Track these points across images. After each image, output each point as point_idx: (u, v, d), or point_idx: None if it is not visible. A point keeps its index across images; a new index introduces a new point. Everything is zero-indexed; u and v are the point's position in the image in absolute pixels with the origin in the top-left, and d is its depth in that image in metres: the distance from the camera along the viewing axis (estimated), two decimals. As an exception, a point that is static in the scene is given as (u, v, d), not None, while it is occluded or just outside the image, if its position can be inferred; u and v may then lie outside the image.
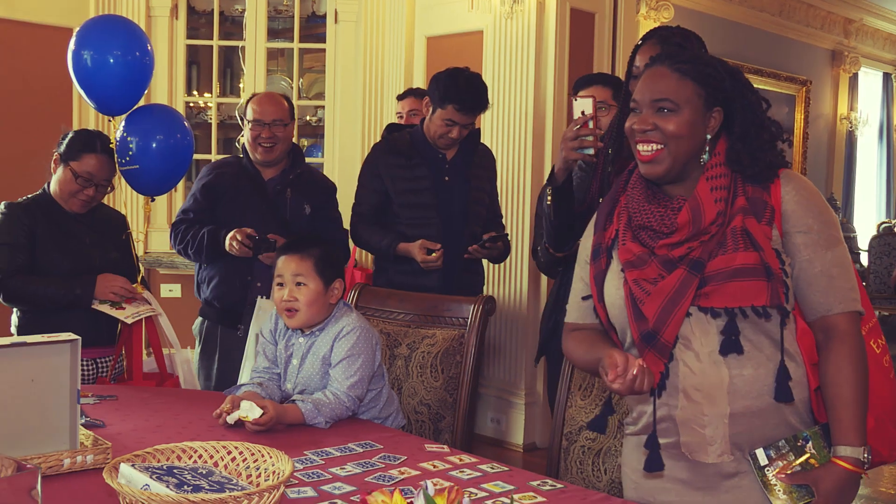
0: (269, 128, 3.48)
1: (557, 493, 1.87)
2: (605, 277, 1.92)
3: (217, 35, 5.51)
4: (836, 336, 1.82)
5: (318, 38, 5.67)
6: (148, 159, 3.16)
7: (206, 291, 3.56)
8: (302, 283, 2.39)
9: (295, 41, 5.56)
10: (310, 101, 5.88)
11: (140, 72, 3.14)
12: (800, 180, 1.88)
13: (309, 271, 2.39)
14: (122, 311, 2.96)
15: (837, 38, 10.66)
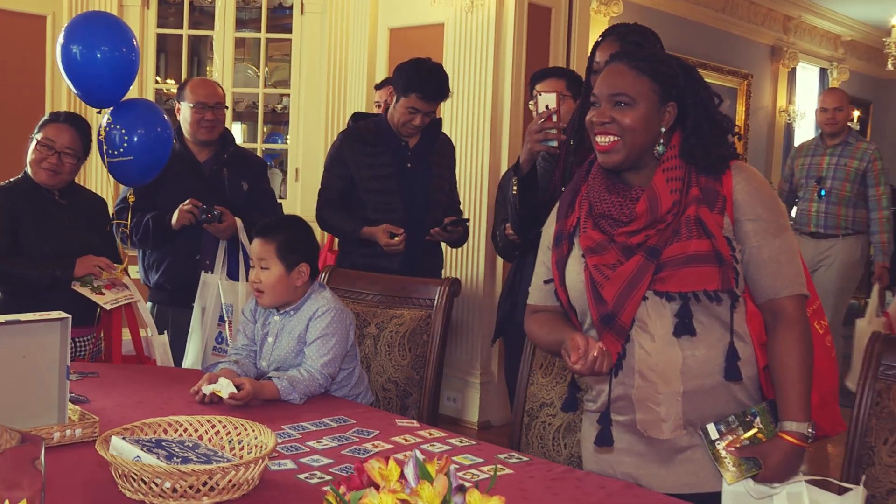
0: (212, 110, 3.65)
1: (524, 465, 1.99)
2: (567, 262, 2.03)
3: (187, 25, 5.58)
4: (784, 318, 1.94)
5: (284, 28, 5.76)
6: (132, 151, 3.24)
7: (156, 275, 3.67)
8: (265, 267, 2.49)
9: (262, 31, 5.65)
10: (275, 90, 5.96)
11: (127, 66, 3.23)
12: (750, 172, 2.00)
13: (271, 255, 2.49)
14: (101, 296, 3.02)
15: (777, 34, 10.91)
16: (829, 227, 5.41)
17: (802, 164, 5.55)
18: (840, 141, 5.47)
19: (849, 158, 5.40)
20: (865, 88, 13.35)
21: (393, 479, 1.16)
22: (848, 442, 2.09)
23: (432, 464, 1.21)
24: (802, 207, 5.51)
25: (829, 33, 12.03)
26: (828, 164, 5.42)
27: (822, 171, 5.41)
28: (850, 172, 5.36)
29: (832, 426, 2.09)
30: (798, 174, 5.56)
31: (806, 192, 5.48)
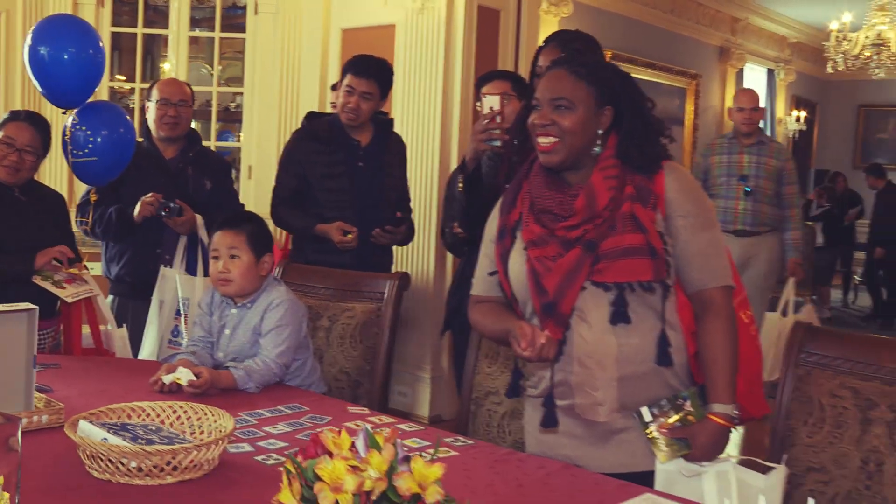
0: (175, 107, 3.75)
1: (469, 448, 2.10)
2: (510, 255, 2.15)
3: (142, 23, 5.63)
4: (711, 308, 2.08)
5: (238, 27, 5.83)
6: (96, 152, 3.32)
7: (117, 268, 3.75)
8: (235, 256, 2.59)
9: (216, 31, 5.72)
10: (228, 88, 6.03)
11: (93, 68, 3.30)
12: (680, 171, 2.14)
13: (242, 244, 2.59)
14: (62, 290, 3.10)
15: (725, 35, 11.13)
16: (754, 224, 5.49)
17: (720, 162, 5.55)
18: (756, 140, 5.56)
19: (767, 157, 5.51)
20: (811, 89, 13.66)
21: (345, 447, 1.28)
22: (772, 425, 2.24)
23: (381, 435, 1.33)
24: (727, 206, 5.51)
25: (776, 35, 12.29)
26: (748, 162, 5.48)
27: (743, 169, 5.47)
28: (771, 171, 5.48)
29: (757, 409, 2.25)
30: (716, 172, 5.56)
31: (730, 191, 5.48)
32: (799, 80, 13.08)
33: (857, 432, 2.10)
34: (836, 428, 2.13)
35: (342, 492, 1.24)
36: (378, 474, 1.26)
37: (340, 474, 1.25)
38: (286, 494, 1.29)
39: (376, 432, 1.34)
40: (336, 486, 1.24)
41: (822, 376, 2.20)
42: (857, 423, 2.10)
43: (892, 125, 13.70)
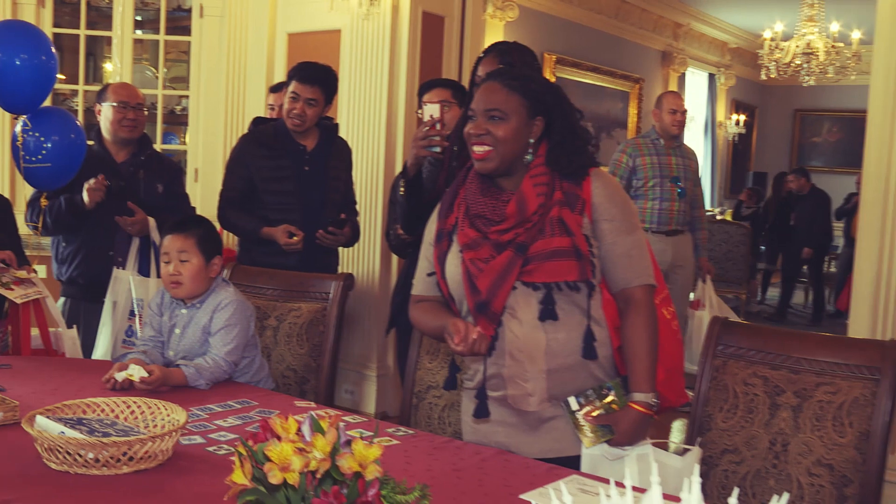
0: (133, 110, 3.84)
1: (409, 437, 2.24)
2: (447, 257, 2.29)
3: (84, 24, 5.62)
4: (634, 304, 2.24)
5: (183, 30, 5.86)
6: (49, 158, 3.40)
7: (69, 270, 3.82)
8: (186, 259, 2.70)
9: (161, 33, 5.74)
10: (174, 91, 6.07)
11: (46, 74, 3.37)
12: (606, 178, 2.30)
13: (192, 248, 2.70)
14: (11, 291, 3.16)
15: (668, 40, 11.36)
16: (682, 224, 5.62)
17: (651, 164, 5.54)
18: (677, 143, 5.68)
19: (688, 159, 5.66)
20: (751, 93, 13.98)
21: (292, 431, 1.41)
22: (692, 410, 2.41)
23: (325, 420, 1.46)
24: (663, 207, 5.54)
25: (717, 40, 12.56)
26: (676, 164, 5.56)
27: (673, 170, 5.54)
28: (691, 172, 5.63)
29: (677, 398, 2.42)
30: (649, 173, 5.53)
31: (664, 192, 5.51)
32: (738, 85, 13.41)
33: (766, 416, 2.28)
34: (747, 413, 2.31)
35: (290, 471, 1.37)
36: (322, 455, 1.39)
37: (288, 455, 1.38)
38: (238, 474, 1.42)
39: (320, 418, 1.48)
40: (284, 465, 1.37)
41: (736, 366, 2.38)
42: (767, 409, 2.29)
43: (826, 129, 14.09)
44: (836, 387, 2.24)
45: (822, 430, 2.21)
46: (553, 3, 9.10)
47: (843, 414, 2.21)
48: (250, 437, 1.45)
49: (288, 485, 1.38)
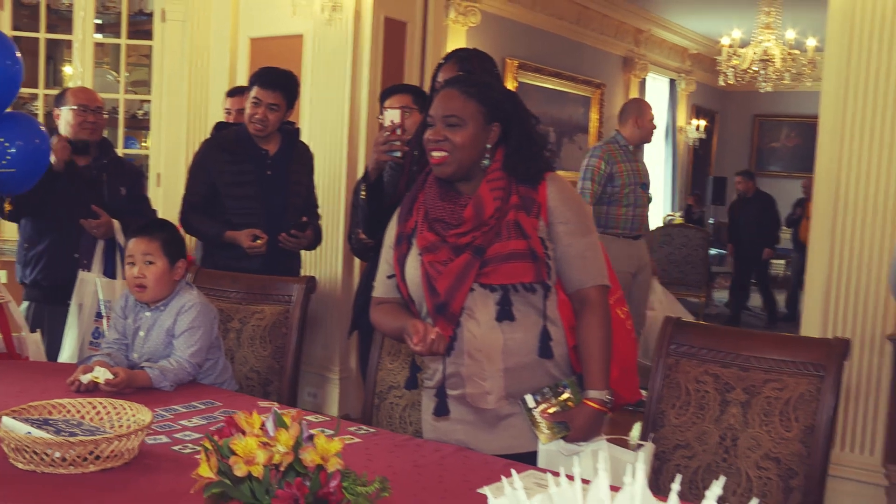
0: (93, 113, 3.89)
1: (371, 435, 2.30)
2: (407, 260, 2.35)
3: (44, 27, 5.61)
4: (588, 305, 2.30)
5: (145, 34, 5.87)
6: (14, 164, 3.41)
7: (32, 273, 3.84)
8: (151, 262, 2.73)
9: (122, 37, 5.75)
10: (135, 95, 6.08)
11: (11, 79, 3.38)
12: (562, 182, 2.37)
13: (157, 251, 2.74)
14: None
15: (629, 45, 11.48)
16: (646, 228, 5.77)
17: (626, 171, 5.59)
18: (641, 149, 5.83)
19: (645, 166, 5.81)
20: (711, 99, 14.17)
21: (256, 426, 1.46)
22: (647, 407, 2.49)
23: (287, 415, 1.52)
24: (636, 213, 5.62)
25: (677, 46, 12.70)
26: (643, 170, 5.70)
27: (642, 177, 5.66)
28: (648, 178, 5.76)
29: (632, 395, 2.49)
30: (625, 180, 5.57)
31: (637, 199, 5.61)
32: (699, 91, 13.59)
33: (717, 412, 2.36)
34: (699, 409, 2.39)
35: (254, 464, 1.43)
36: (286, 449, 1.45)
37: (252, 449, 1.44)
38: (204, 468, 1.47)
39: (284, 413, 1.53)
40: (249, 459, 1.43)
41: (688, 364, 2.47)
42: (717, 405, 2.37)
43: (784, 135, 14.33)
44: (783, 383, 2.33)
45: (770, 424, 2.30)
46: (515, 8, 9.18)
47: (789, 409, 2.29)
48: (216, 432, 1.50)
49: (252, 477, 1.44)
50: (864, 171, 3.91)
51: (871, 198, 3.89)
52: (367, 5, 5.19)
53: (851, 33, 3.94)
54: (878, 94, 3.89)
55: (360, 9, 5.20)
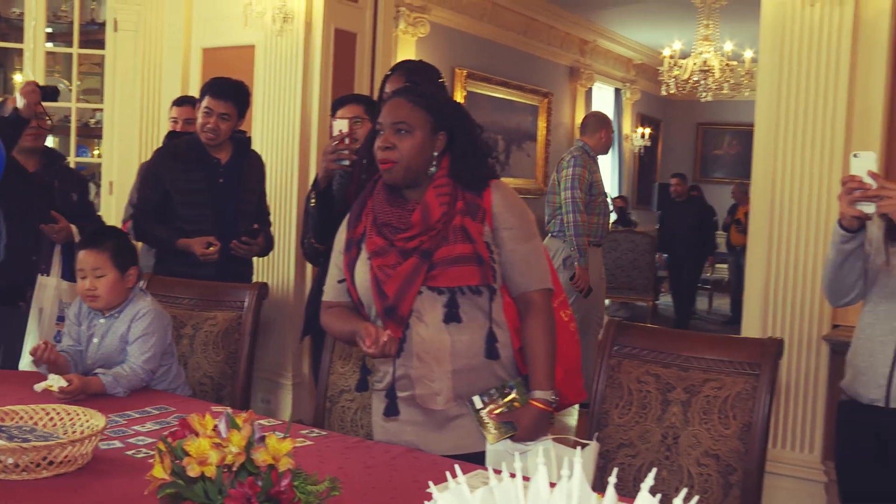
0: (35, 119, 3.86)
1: (322, 438, 2.34)
2: (356, 265, 2.40)
3: (-6, 37, 5.59)
4: (532, 308, 2.37)
5: (96, 43, 5.87)
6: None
7: None
8: (101, 275, 2.76)
9: (74, 46, 5.74)
10: (87, 104, 6.06)
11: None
12: (506, 189, 2.44)
13: (106, 263, 2.76)
14: None
15: (575, 56, 11.66)
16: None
17: (600, 179, 5.83)
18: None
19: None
20: (655, 107, 14.41)
21: (209, 428, 1.51)
22: (590, 408, 2.57)
23: (240, 417, 1.56)
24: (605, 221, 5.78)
25: (622, 57, 12.93)
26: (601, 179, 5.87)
27: (604, 186, 5.87)
28: None
29: (576, 395, 2.57)
30: (601, 188, 5.81)
31: (605, 207, 5.80)
32: (644, 99, 13.82)
33: (659, 412, 2.45)
34: (641, 409, 2.47)
35: (207, 464, 1.47)
36: (238, 449, 1.50)
37: (205, 450, 1.48)
38: (158, 469, 1.51)
39: (236, 415, 1.58)
40: (202, 459, 1.47)
41: (630, 365, 2.55)
42: (659, 404, 2.46)
43: (726, 142, 14.64)
44: (722, 382, 2.42)
45: (709, 422, 2.38)
46: (463, 19, 9.28)
47: (727, 407, 2.38)
48: (170, 434, 1.54)
49: (206, 478, 1.48)
50: (798, 176, 4.04)
51: (805, 202, 4.03)
52: (318, 17, 5.24)
53: (782, 45, 4.09)
54: (808, 102, 4.03)
55: (311, 20, 5.25)
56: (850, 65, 3.98)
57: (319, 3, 5.24)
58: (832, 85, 3.98)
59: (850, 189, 2.39)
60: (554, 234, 5.75)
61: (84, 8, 5.90)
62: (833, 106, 3.98)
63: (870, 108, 4.00)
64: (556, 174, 5.84)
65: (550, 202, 5.86)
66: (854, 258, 2.55)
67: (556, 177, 5.80)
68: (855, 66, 4.00)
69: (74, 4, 5.75)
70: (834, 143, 3.97)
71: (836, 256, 2.57)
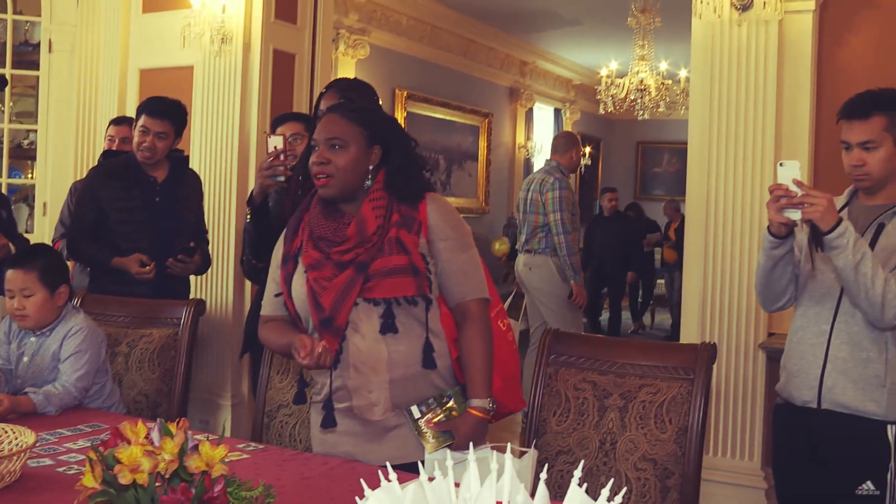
0: None
1: (259, 451, 2.32)
2: (293, 278, 2.41)
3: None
4: (469, 317, 2.39)
5: (30, 64, 5.79)
6: None
7: None
8: (29, 294, 2.71)
9: (7, 67, 5.66)
10: (21, 125, 5.97)
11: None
12: (441, 201, 2.46)
13: (34, 282, 2.72)
14: None
15: (515, 77, 11.78)
16: None
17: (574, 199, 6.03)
18: None
19: None
20: (596, 127, 14.59)
21: (141, 436, 1.49)
22: (528, 417, 2.58)
23: (173, 425, 1.55)
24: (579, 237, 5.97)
25: (561, 77, 13.08)
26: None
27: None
28: None
29: (515, 404, 2.58)
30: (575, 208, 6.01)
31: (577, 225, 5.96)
32: (584, 119, 13.99)
33: (596, 418, 2.47)
34: (579, 416, 2.49)
35: (139, 472, 1.45)
36: (171, 457, 1.48)
37: (137, 457, 1.46)
38: (88, 478, 1.49)
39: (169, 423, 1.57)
40: (134, 467, 1.46)
41: (567, 373, 2.57)
42: (596, 411, 2.48)
43: (665, 160, 14.87)
44: (657, 387, 2.45)
45: (646, 427, 2.41)
46: (403, 41, 9.33)
47: (663, 412, 2.41)
48: (101, 443, 1.52)
49: (137, 485, 1.46)
50: (731, 188, 4.15)
51: (739, 214, 4.13)
52: (256, 38, 5.24)
53: (712, 64, 4.22)
54: (738, 117, 4.16)
55: (250, 41, 5.24)
56: (776, 81, 4.11)
57: (258, 24, 5.24)
58: (761, 100, 4.11)
59: (777, 197, 2.45)
60: (539, 251, 5.93)
61: (17, 29, 5.83)
62: (762, 120, 4.10)
63: (797, 122, 4.13)
64: (534, 195, 5.97)
65: (531, 222, 5.98)
66: (784, 263, 2.61)
67: (538, 198, 5.93)
68: (781, 82, 4.13)
69: (7, 25, 5.68)
70: (764, 155, 4.09)
71: (767, 262, 2.62)
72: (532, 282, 6.00)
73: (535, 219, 5.93)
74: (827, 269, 2.63)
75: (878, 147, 2.57)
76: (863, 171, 2.60)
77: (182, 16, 5.26)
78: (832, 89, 4.10)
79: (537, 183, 6.00)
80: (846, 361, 2.60)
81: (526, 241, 6.02)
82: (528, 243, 6.01)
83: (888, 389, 2.57)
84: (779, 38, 4.11)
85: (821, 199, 2.40)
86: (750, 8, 4.08)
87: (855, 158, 2.60)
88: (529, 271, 6.01)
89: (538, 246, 5.92)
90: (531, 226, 5.96)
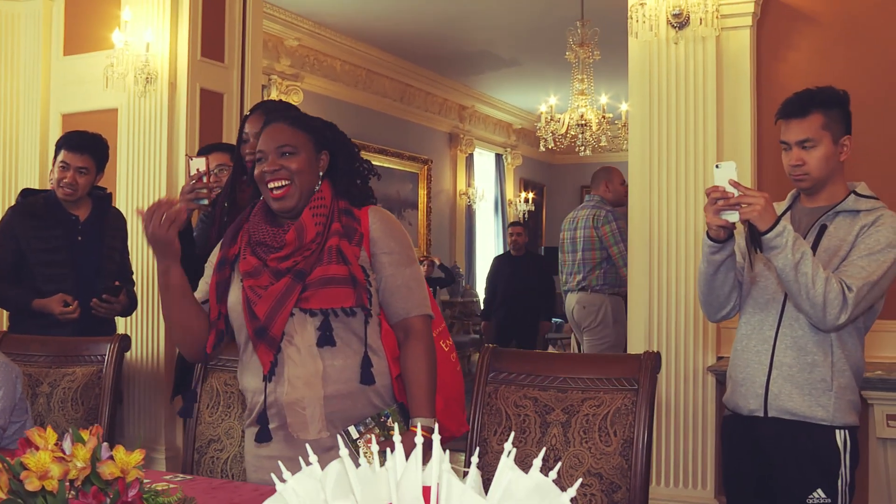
0: None
1: (188, 481, 2.20)
2: (230, 286, 2.33)
3: None
4: (412, 333, 2.32)
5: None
6: None
7: None
8: None
9: (-77, 113, 5.50)
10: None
11: None
12: (384, 214, 2.40)
13: None
14: None
15: (454, 122, 11.80)
16: None
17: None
18: None
19: None
20: (538, 172, 14.65)
21: (51, 442, 1.39)
22: (469, 437, 2.49)
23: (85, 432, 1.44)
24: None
25: (502, 122, 13.14)
26: None
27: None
28: None
29: (457, 427, 2.50)
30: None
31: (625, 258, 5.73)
32: (526, 164, 14.05)
33: (538, 434, 2.39)
34: (521, 433, 2.41)
35: (48, 478, 1.35)
36: (83, 464, 1.38)
37: (46, 463, 1.36)
38: (-8, 487, 1.38)
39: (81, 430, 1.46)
40: (42, 473, 1.35)
41: (507, 390, 2.49)
42: (538, 427, 2.40)
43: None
44: (600, 400, 2.38)
45: (590, 441, 2.33)
46: (338, 87, 9.32)
47: (607, 424, 2.34)
48: (8, 453, 1.42)
49: (46, 492, 1.36)
50: (674, 207, 4.14)
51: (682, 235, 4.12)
52: (182, 77, 5.16)
53: (650, 82, 4.22)
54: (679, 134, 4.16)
55: (176, 80, 5.16)
56: (716, 97, 4.12)
57: (183, 63, 5.16)
58: (701, 117, 4.12)
59: (714, 199, 2.42)
60: (595, 289, 5.86)
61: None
62: (703, 136, 4.11)
63: (739, 137, 4.15)
64: (586, 231, 5.90)
65: (587, 259, 5.88)
66: (726, 269, 2.57)
67: (593, 233, 5.86)
68: (721, 98, 4.15)
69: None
70: (706, 171, 4.08)
71: (708, 268, 2.59)
72: (584, 321, 5.90)
73: (592, 255, 5.84)
74: (770, 275, 2.61)
75: (817, 145, 2.57)
76: (802, 170, 2.59)
77: (104, 56, 5.17)
78: (772, 104, 4.08)
79: (586, 219, 5.93)
80: (791, 367, 2.57)
81: (583, 277, 5.89)
82: (584, 280, 5.89)
83: (835, 394, 2.54)
84: (717, 55, 4.13)
85: (758, 199, 2.38)
86: (686, 25, 4.09)
87: (794, 158, 2.59)
88: (583, 310, 5.90)
89: (596, 282, 5.83)
90: (588, 263, 5.86)
